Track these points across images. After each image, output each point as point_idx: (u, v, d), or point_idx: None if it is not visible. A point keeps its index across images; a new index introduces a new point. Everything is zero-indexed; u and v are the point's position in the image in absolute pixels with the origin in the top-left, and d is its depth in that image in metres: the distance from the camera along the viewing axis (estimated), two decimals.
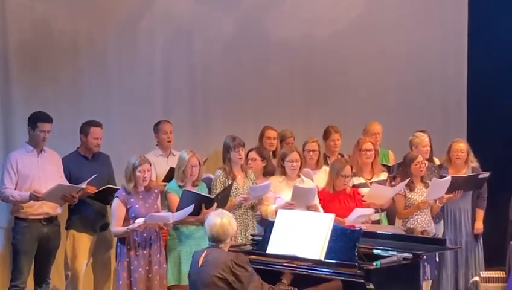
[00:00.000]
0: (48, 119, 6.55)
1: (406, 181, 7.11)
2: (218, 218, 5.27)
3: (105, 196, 6.68)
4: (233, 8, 8.54)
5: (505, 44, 9.21)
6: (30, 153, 6.57)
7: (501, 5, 9.27)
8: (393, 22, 9.24)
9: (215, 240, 5.26)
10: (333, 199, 6.93)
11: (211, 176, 6.95)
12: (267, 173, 7.13)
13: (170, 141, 7.39)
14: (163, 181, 6.96)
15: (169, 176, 6.81)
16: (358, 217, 6.72)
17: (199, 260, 5.28)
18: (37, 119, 6.54)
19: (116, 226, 6.25)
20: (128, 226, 6.16)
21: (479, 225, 7.61)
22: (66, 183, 6.59)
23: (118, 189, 6.54)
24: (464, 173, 7.54)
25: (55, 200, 6.52)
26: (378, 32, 9.15)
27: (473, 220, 7.62)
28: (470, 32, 9.48)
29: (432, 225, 7.28)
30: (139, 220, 6.10)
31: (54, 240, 6.67)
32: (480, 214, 7.64)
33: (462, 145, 7.62)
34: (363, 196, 7.08)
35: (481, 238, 7.65)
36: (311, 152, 7.36)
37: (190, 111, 8.30)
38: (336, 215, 5.92)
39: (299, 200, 6.66)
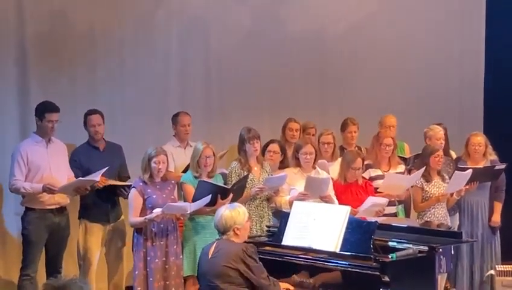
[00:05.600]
0: (54, 109, 6.51)
1: (422, 170, 7.09)
2: (222, 209, 5.32)
3: (114, 190, 6.71)
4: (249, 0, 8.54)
5: None
6: (39, 144, 6.55)
7: None
8: (410, 15, 9.19)
9: (219, 231, 5.31)
10: (345, 191, 6.92)
11: (225, 171, 6.94)
12: (283, 166, 7.10)
13: (188, 134, 7.40)
14: (183, 172, 6.96)
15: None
16: (371, 206, 6.68)
17: (209, 252, 5.30)
18: (44, 109, 6.50)
19: (134, 217, 6.26)
20: (146, 216, 6.17)
21: (497, 218, 7.58)
22: (72, 173, 6.60)
23: (124, 184, 6.57)
24: (483, 166, 7.51)
25: (69, 193, 6.54)
26: (394, 25, 9.10)
27: (490, 212, 7.59)
28: (487, 27, 9.42)
29: (448, 218, 7.26)
30: (157, 210, 6.10)
31: (65, 230, 6.68)
32: (498, 206, 7.61)
33: (479, 139, 7.60)
34: (376, 188, 7.06)
35: (498, 232, 7.62)
36: (326, 144, 7.36)
37: (206, 102, 8.31)
38: None
39: (313, 190, 6.64)
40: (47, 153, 6.55)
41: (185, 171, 6.93)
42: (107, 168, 6.52)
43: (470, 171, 7.17)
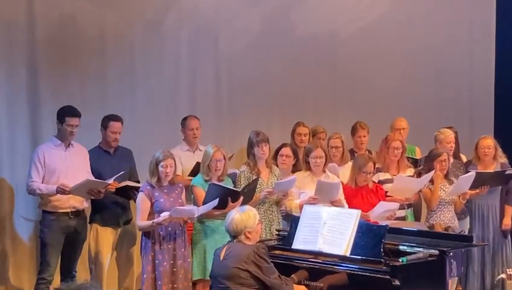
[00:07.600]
0: (75, 113, 6.57)
1: (432, 173, 7.07)
2: (233, 213, 5.33)
3: (126, 192, 6.72)
4: (260, 3, 8.54)
5: None
6: (58, 147, 6.60)
7: None
8: (420, 17, 9.19)
9: (230, 234, 5.33)
10: (356, 194, 6.90)
11: (236, 171, 6.95)
12: (296, 170, 7.07)
13: (196, 138, 7.40)
14: (189, 175, 6.97)
15: (196, 171, 6.82)
16: (384, 212, 6.67)
17: (220, 254, 5.31)
18: (64, 113, 6.56)
19: (141, 220, 6.27)
20: (154, 220, 6.18)
21: (508, 221, 7.55)
22: (93, 178, 6.61)
23: (137, 185, 6.57)
24: (493, 169, 7.49)
25: (82, 195, 6.55)
26: (404, 28, 9.11)
27: (501, 216, 7.57)
28: (497, 28, 9.40)
29: (455, 221, 7.24)
30: (164, 214, 6.11)
31: (81, 233, 6.70)
32: (509, 210, 7.57)
33: (489, 142, 7.58)
34: (386, 192, 7.04)
35: (509, 235, 7.60)
36: (334, 148, 7.35)
37: (216, 106, 8.32)
38: None
39: (323, 194, 6.63)
40: (65, 157, 6.58)
41: (191, 174, 6.94)
42: (122, 172, 6.54)
43: (472, 173, 7.14)
